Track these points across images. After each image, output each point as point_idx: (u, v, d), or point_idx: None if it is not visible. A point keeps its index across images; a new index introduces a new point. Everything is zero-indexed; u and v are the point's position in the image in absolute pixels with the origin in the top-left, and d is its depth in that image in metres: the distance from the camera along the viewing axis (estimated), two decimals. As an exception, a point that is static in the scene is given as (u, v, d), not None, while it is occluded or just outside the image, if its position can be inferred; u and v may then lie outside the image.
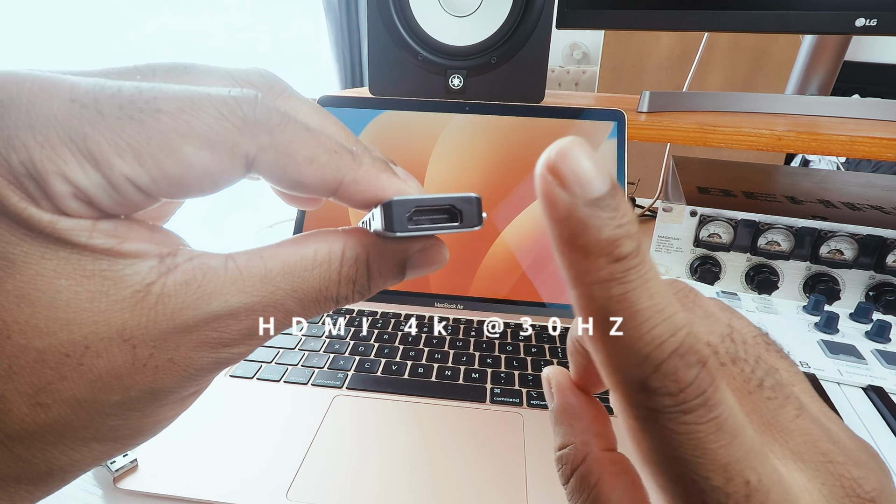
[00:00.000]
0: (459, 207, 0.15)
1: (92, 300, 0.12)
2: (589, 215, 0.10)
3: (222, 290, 0.13)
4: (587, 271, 0.10)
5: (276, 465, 0.33)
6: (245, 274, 0.13)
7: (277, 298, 0.14)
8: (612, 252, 0.10)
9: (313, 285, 0.14)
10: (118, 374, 0.12)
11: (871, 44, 2.26)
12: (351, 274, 0.15)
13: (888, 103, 0.63)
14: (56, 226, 0.12)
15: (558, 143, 0.11)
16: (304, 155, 0.13)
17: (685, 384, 0.10)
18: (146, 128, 0.12)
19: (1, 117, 0.11)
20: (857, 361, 0.40)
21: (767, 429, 0.12)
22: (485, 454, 0.34)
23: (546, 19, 0.60)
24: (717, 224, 0.55)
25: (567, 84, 2.82)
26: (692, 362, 0.10)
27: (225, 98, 0.12)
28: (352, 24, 2.19)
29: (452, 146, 0.56)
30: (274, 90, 0.16)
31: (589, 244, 0.10)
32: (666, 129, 0.57)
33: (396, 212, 0.14)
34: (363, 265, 0.15)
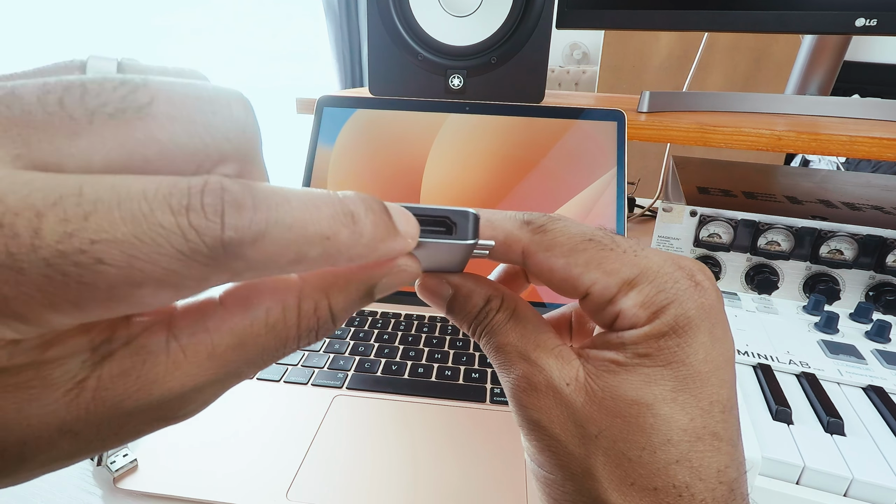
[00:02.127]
0: (454, 220, 0.15)
1: (20, 410, 0.11)
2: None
3: (164, 378, 0.11)
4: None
5: (276, 465, 0.33)
6: (189, 355, 0.12)
7: (229, 371, 0.12)
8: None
9: (268, 348, 0.13)
10: (76, 452, 0.12)
11: (871, 44, 2.26)
12: (311, 325, 0.13)
13: (888, 103, 0.63)
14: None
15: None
16: (289, 259, 0.11)
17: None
18: (86, 285, 0.09)
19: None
20: (857, 361, 0.40)
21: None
22: (485, 454, 0.34)
23: (546, 19, 0.60)
24: (717, 224, 0.55)
25: (567, 84, 2.82)
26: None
27: (184, 231, 0.10)
28: (352, 24, 2.19)
29: (452, 146, 0.56)
30: (245, 156, 0.12)
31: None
32: (666, 129, 0.57)
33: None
34: (324, 311, 0.14)
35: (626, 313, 0.16)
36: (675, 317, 0.15)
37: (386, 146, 0.57)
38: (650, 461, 0.15)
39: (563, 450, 0.16)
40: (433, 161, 0.56)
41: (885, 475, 0.30)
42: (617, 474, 0.15)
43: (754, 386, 0.37)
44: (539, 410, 0.17)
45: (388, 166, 0.56)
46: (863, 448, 0.32)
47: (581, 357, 0.17)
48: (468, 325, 0.19)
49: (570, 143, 0.55)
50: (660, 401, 0.15)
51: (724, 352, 0.16)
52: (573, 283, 0.16)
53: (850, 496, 0.30)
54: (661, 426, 0.15)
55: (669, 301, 0.16)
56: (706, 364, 0.16)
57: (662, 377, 0.15)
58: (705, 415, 0.15)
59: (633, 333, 0.16)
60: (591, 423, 0.16)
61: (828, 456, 0.31)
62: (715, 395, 0.16)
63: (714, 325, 0.16)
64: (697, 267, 0.17)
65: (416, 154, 0.56)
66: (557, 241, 0.16)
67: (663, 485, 0.15)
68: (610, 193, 0.54)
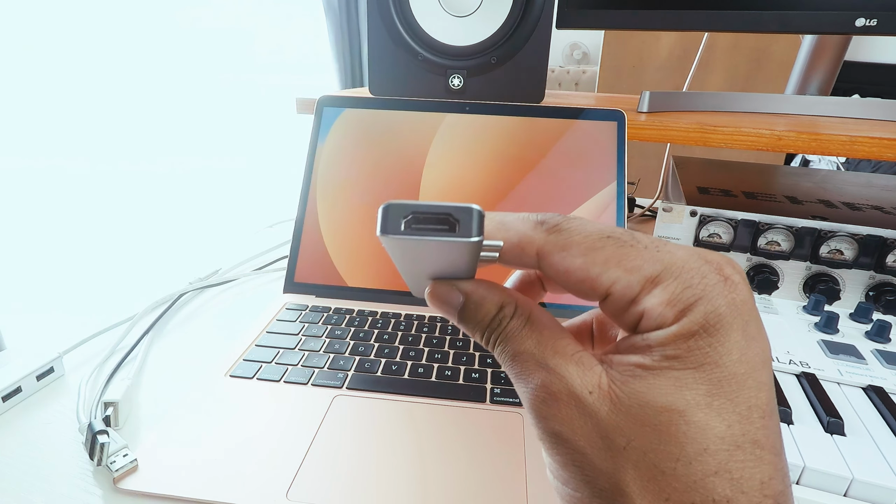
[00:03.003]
0: (457, 217, 0.14)
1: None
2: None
3: None
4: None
5: (276, 465, 0.33)
6: None
7: None
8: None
9: None
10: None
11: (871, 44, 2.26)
12: None
13: (888, 103, 0.63)
14: None
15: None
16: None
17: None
18: None
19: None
20: (857, 361, 0.40)
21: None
22: (485, 454, 0.34)
23: (546, 19, 0.60)
24: (717, 224, 0.55)
25: (567, 84, 2.82)
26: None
27: None
28: (352, 24, 2.19)
29: (452, 146, 0.56)
30: None
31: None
32: (666, 129, 0.57)
33: (392, 213, 0.13)
34: None
35: (650, 313, 0.15)
36: (704, 314, 0.14)
37: (386, 146, 0.57)
38: (685, 473, 0.14)
39: (588, 464, 0.15)
40: (433, 161, 0.56)
41: (885, 475, 0.30)
42: (650, 489, 0.14)
43: (754, 386, 0.37)
44: (561, 422, 0.15)
45: (388, 166, 0.56)
46: (863, 448, 0.32)
47: (604, 363, 0.16)
48: (481, 333, 0.18)
49: (570, 143, 0.55)
50: (693, 406, 0.14)
51: (761, 352, 0.15)
52: (592, 283, 0.15)
53: (850, 496, 0.30)
54: (696, 434, 0.14)
55: (697, 297, 0.14)
56: (742, 365, 0.14)
57: (695, 380, 0.14)
58: (744, 421, 0.14)
59: (659, 334, 0.15)
60: (619, 433, 0.15)
61: (828, 456, 0.31)
62: (753, 399, 0.14)
63: (748, 323, 0.15)
64: (725, 260, 0.15)
65: (416, 154, 0.56)
66: (573, 239, 0.16)
67: (701, 499, 0.14)
68: (610, 193, 0.54)
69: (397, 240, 0.14)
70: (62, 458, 0.34)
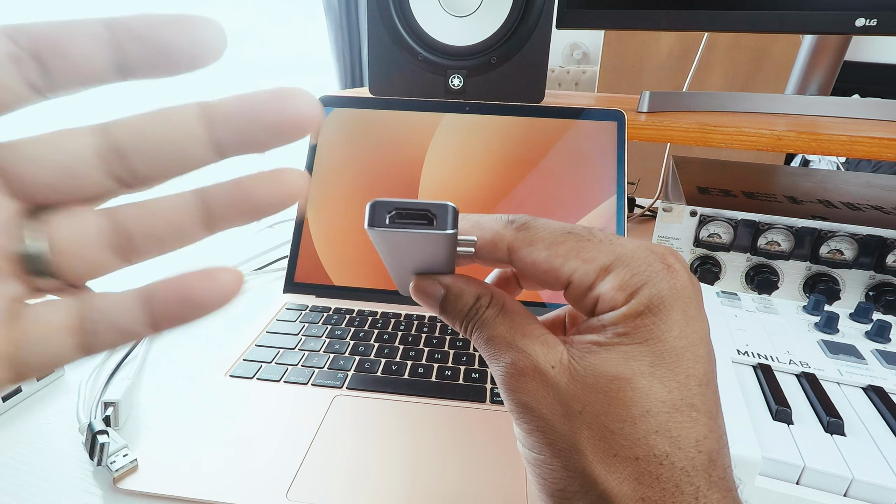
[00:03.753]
0: (434, 212, 0.16)
1: None
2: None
3: None
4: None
5: (276, 465, 0.33)
6: None
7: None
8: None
9: None
10: None
11: (871, 44, 2.26)
12: None
13: (888, 103, 0.63)
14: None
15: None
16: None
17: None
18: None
19: None
20: (857, 361, 0.40)
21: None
22: (485, 454, 0.34)
23: (546, 19, 0.60)
24: (717, 224, 0.55)
25: (567, 84, 2.82)
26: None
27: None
28: (352, 24, 2.19)
29: (452, 146, 0.56)
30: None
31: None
32: (666, 129, 0.57)
33: (378, 209, 0.16)
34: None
35: (604, 297, 0.17)
36: (649, 296, 0.17)
37: (386, 146, 0.57)
38: (631, 432, 0.16)
39: (549, 428, 0.18)
40: (432, 161, 0.56)
41: (885, 475, 0.30)
42: (600, 447, 0.17)
43: (754, 386, 0.37)
44: (527, 393, 0.18)
45: (388, 166, 0.56)
46: (863, 448, 0.32)
47: (566, 343, 0.18)
48: (460, 322, 0.20)
49: (570, 143, 0.55)
50: (638, 375, 0.17)
51: (698, 329, 0.17)
52: (555, 273, 0.18)
53: (850, 496, 0.30)
54: (640, 398, 0.16)
55: (643, 282, 0.17)
56: (681, 340, 0.17)
57: (640, 353, 0.17)
58: (682, 387, 0.17)
59: (611, 315, 0.17)
60: (575, 400, 0.17)
61: (828, 456, 0.31)
62: (691, 370, 0.17)
63: (687, 305, 0.17)
64: (669, 252, 0.18)
65: (416, 154, 0.56)
66: (539, 235, 0.18)
67: (644, 454, 0.16)
68: (610, 193, 0.54)
69: (382, 232, 0.16)
70: (62, 458, 0.34)
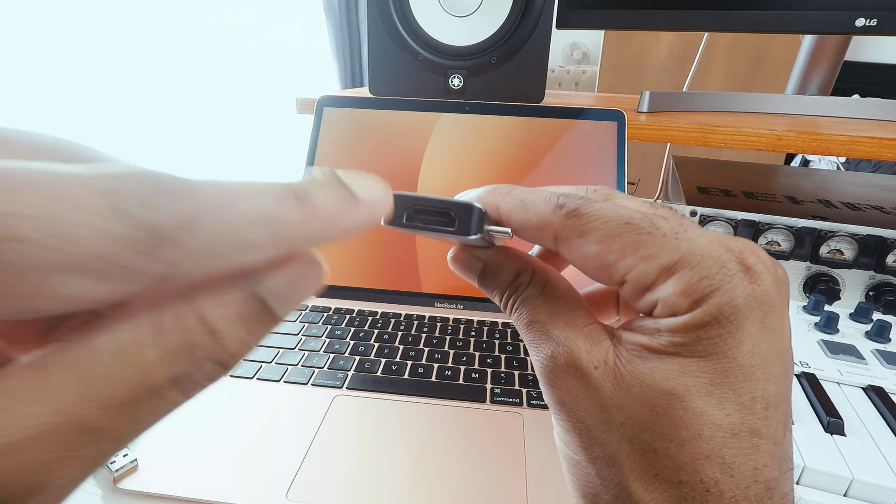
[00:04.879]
0: (456, 213, 0.14)
1: None
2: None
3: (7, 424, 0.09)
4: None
5: (276, 465, 0.33)
6: (18, 398, 0.09)
7: (68, 419, 0.09)
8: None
9: (122, 385, 0.10)
10: None
11: (871, 44, 2.26)
12: (177, 342, 0.10)
13: (888, 103, 0.63)
14: None
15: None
16: (234, 245, 0.10)
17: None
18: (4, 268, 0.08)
19: None
20: (857, 361, 0.40)
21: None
22: (485, 454, 0.34)
23: (546, 19, 0.60)
24: (718, 224, 0.55)
25: (567, 84, 2.82)
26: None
27: (110, 210, 0.09)
28: (352, 24, 2.19)
29: (452, 146, 0.56)
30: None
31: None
32: (666, 129, 0.57)
33: (396, 205, 0.14)
34: (193, 321, 0.10)
35: (664, 302, 0.15)
36: (719, 305, 0.14)
37: (386, 146, 0.57)
38: (677, 454, 0.14)
39: (587, 433, 0.16)
40: (431, 161, 0.56)
41: (885, 475, 0.30)
42: (640, 463, 0.15)
43: (754, 386, 0.37)
44: (566, 392, 0.16)
45: (388, 166, 0.56)
46: (863, 448, 0.32)
47: (614, 338, 0.16)
48: (500, 298, 0.18)
49: (570, 143, 0.55)
50: (693, 393, 0.14)
51: (777, 344, 0.15)
52: (608, 270, 0.15)
53: (850, 496, 0.30)
54: (692, 420, 0.14)
55: (714, 288, 0.14)
56: (752, 357, 0.14)
57: (699, 369, 0.14)
58: (745, 411, 0.14)
59: (670, 321, 0.15)
60: (618, 409, 0.15)
61: (828, 456, 0.31)
62: (759, 391, 0.14)
63: (766, 315, 0.14)
64: (750, 249, 0.15)
65: (416, 154, 0.56)
66: (591, 225, 0.15)
67: (689, 479, 0.14)
68: (610, 193, 0.54)
69: (399, 230, 0.14)
70: (62, 458, 0.34)
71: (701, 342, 0.14)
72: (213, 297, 0.11)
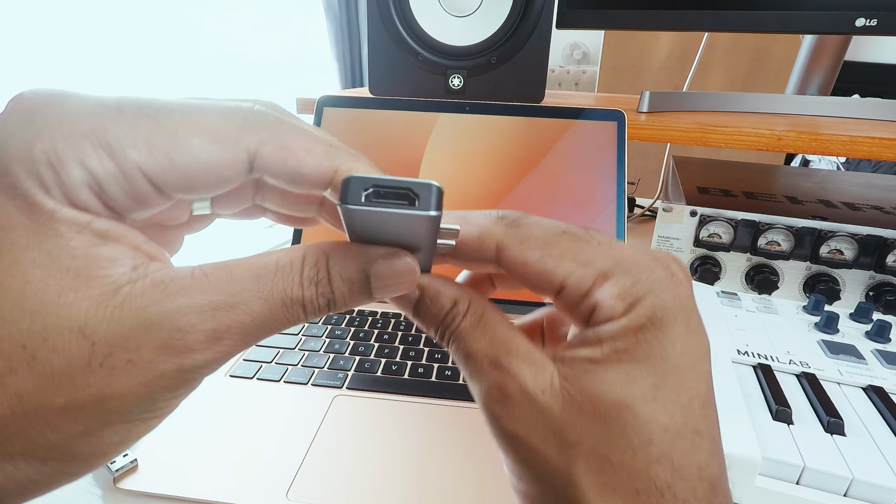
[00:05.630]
0: (417, 192, 0.14)
1: (60, 294, 0.12)
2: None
3: (188, 290, 0.13)
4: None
5: (276, 465, 0.33)
6: (211, 277, 0.14)
7: (243, 299, 0.14)
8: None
9: (277, 286, 0.14)
10: (71, 372, 0.12)
11: (871, 44, 2.26)
12: (312, 276, 0.15)
13: (888, 103, 0.63)
14: (57, 214, 0.12)
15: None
16: (302, 146, 0.15)
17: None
18: (159, 124, 0.13)
19: (34, 115, 0.13)
20: (857, 361, 0.40)
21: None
22: (484, 454, 0.34)
23: (546, 19, 0.60)
24: (717, 224, 0.55)
25: (567, 84, 2.82)
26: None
27: (227, 104, 0.14)
28: (352, 24, 2.19)
29: (452, 146, 0.56)
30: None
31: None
32: (666, 129, 0.57)
33: (354, 185, 0.14)
34: (323, 267, 0.15)
35: (602, 305, 0.15)
36: (652, 307, 0.15)
37: (386, 146, 0.57)
38: (631, 464, 0.15)
39: (541, 461, 0.16)
40: (433, 161, 0.56)
41: (885, 475, 0.30)
42: (599, 481, 0.15)
43: (754, 386, 0.37)
44: (515, 421, 0.16)
45: (389, 166, 0.56)
46: (863, 448, 0.32)
47: (556, 360, 0.16)
48: (435, 329, 0.18)
49: (570, 143, 0.55)
50: (640, 400, 0.15)
51: (701, 345, 0.16)
52: (548, 276, 0.16)
53: (850, 496, 0.30)
54: (642, 427, 0.15)
55: (646, 291, 0.15)
56: (684, 357, 0.15)
57: (642, 374, 0.15)
58: (685, 411, 0.15)
59: (609, 327, 0.15)
60: (570, 429, 0.15)
61: (828, 456, 0.31)
62: (694, 390, 0.15)
63: (689, 317, 0.16)
64: (672, 258, 0.16)
65: (416, 154, 0.56)
66: (532, 233, 0.16)
67: (645, 486, 0.15)
68: (610, 193, 0.54)
69: (356, 211, 0.14)
70: (62, 458, 0.34)
71: (640, 345, 0.15)
72: (341, 263, 0.15)
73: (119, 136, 0.13)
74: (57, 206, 0.12)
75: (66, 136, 0.12)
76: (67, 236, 0.12)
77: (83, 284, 0.12)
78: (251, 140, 0.14)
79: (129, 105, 0.13)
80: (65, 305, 0.12)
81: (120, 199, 0.13)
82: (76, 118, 0.13)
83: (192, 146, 0.13)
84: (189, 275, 0.14)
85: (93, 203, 0.13)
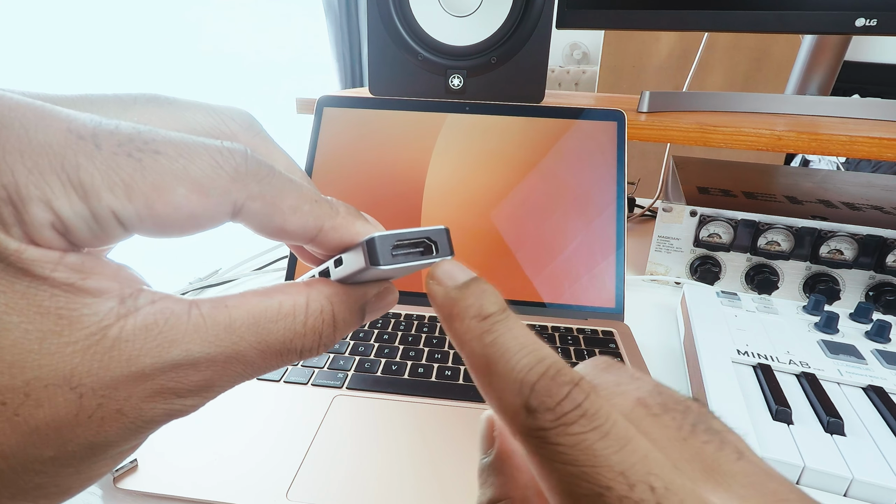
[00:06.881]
0: (434, 239, 0.15)
1: (42, 340, 0.11)
2: (457, 294, 0.14)
3: (184, 338, 0.12)
4: (465, 331, 0.13)
5: (276, 465, 0.33)
6: (209, 323, 0.13)
7: (240, 350, 0.13)
8: (479, 313, 0.13)
9: (278, 337, 0.14)
10: (58, 426, 0.11)
11: (871, 44, 2.26)
12: (316, 325, 0.15)
13: (888, 103, 0.63)
14: (22, 255, 0.11)
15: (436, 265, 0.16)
16: (289, 204, 0.14)
17: (559, 398, 0.11)
18: (143, 167, 0.12)
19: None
20: (857, 361, 0.40)
21: (709, 474, 0.12)
22: (485, 454, 0.34)
23: (546, 19, 0.60)
24: (717, 224, 0.55)
25: (567, 84, 2.82)
26: (563, 381, 0.12)
27: (220, 148, 0.13)
28: (352, 24, 2.19)
29: (452, 146, 0.56)
30: (252, 129, 0.17)
31: (461, 311, 0.14)
32: (666, 129, 0.57)
33: (380, 246, 0.14)
34: (328, 316, 0.15)
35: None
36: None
37: (386, 146, 0.57)
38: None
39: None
40: (435, 162, 0.56)
41: (885, 475, 0.30)
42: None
43: (754, 386, 0.37)
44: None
45: (388, 166, 0.56)
46: (863, 448, 0.32)
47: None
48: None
49: (570, 143, 0.55)
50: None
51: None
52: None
53: (850, 496, 0.30)
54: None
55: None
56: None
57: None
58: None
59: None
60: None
61: (828, 456, 0.31)
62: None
63: None
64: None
65: (417, 154, 0.56)
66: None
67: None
68: (610, 193, 0.54)
69: (385, 270, 0.15)
70: (62, 458, 0.34)
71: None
72: (345, 310, 0.15)
73: (94, 175, 0.11)
74: (20, 245, 0.11)
75: (31, 170, 0.11)
76: (42, 275, 0.11)
77: (66, 327, 0.11)
78: (240, 194, 0.13)
79: (108, 137, 0.11)
80: (47, 354, 0.11)
81: (84, 239, 0.12)
82: (42, 148, 0.11)
83: (176, 195, 0.12)
84: (185, 315, 0.12)
85: (56, 241, 0.11)
